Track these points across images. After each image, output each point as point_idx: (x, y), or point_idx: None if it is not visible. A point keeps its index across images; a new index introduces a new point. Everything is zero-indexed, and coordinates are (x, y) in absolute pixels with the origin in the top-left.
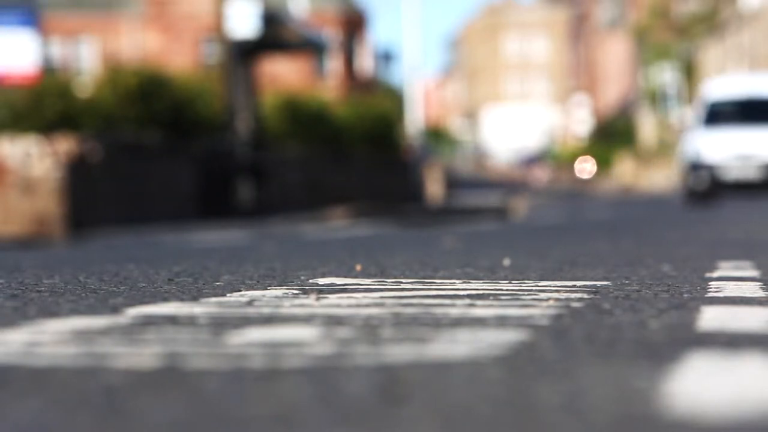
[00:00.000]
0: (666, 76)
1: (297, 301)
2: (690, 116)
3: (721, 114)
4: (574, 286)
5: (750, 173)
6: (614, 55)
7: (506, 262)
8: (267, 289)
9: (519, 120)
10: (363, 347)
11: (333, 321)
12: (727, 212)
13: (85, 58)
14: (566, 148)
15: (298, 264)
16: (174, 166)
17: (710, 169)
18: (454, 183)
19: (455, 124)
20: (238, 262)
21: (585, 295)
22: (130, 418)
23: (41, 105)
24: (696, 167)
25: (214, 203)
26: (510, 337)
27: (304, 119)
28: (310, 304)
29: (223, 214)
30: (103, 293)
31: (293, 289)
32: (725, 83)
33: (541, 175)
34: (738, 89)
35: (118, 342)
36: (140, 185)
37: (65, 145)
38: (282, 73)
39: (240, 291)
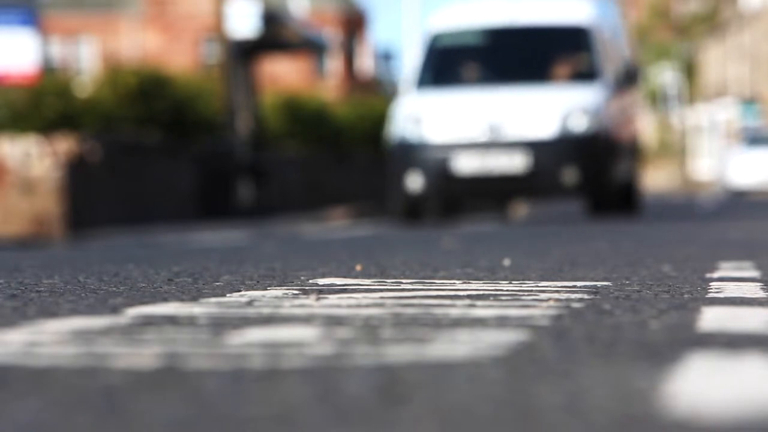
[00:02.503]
0: (666, 76)
1: (297, 302)
2: (408, 69)
3: (452, 63)
4: (575, 286)
5: (504, 163)
6: None
7: (506, 262)
8: (267, 289)
9: None
10: (363, 347)
11: (333, 321)
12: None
13: (85, 58)
14: None
15: (298, 264)
16: (174, 166)
17: (435, 154)
18: None
19: None
20: (238, 262)
21: (585, 296)
22: (130, 418)
23: (41, 105)
24: (411, 154)
25: (214, 203)
26: (510, 337)
27: (304, 119)
28: (310, 304)
29: (223, 214)
30: (103, 293)
31: (293, 289)
32: (460, 12)
33: None
34: (480, 19)
35: (118, 342)
36: (140, 185)
37: (65, 145)
38: (282, 73)
39: (240, 291)
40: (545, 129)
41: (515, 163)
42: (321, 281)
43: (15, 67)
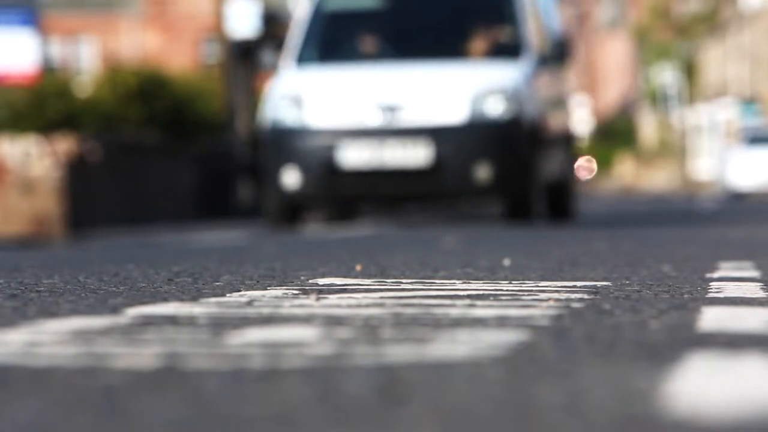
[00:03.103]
0: (666, 76)
1: (297, 301)
2: (289, 40)
3: (343, 33)
4: (575, 286)
5: (401, 155)
6: (614, 55)
7: (506, 262)
8: (267, 289)
9: None
10: (363, 347)
11: (333, 321)
12: None
13: (85, 58)
14: None
15: (298, 264)
16: (174, 166)
17: (317, 143)
18: None
19: None
20: (238, 262)
21: (585, 296)
22: (130, 418)
23: (41, 105)
24: (288, 142)
25: (214, 203)
26: (510, 337)
27: None
28: (310, 304)
29: (223, 214)
30: (103, 293)
31: (293, 289)
32: None
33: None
34: None
35: (118, 342)
36: (140, 185)
37: (65, 145)
38: None
39: (240, 291)
40: (453, 113)
41: (415, 155)
42: (321, 281)
43: (15, 67)
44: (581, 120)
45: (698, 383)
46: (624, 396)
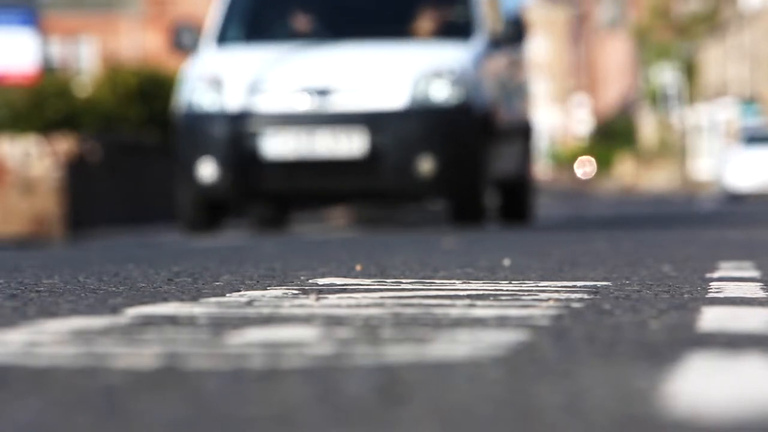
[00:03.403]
0: (666, 76)
1: (297, 301)
2: (211, 18)
3: (271, 9)
4: (575, 286)
5: (333, 144)
6: (614, 55)
7: (506, 262)
8: (267, 289)
9: None
10: (363, 347)
11: (333, 321)
12: None
13: (85, 57)
14: (566, 148)
15: (298, 264)
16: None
17: (237, 129)
18: None
19: None
20: (238, 262)
21: (585, 296)
22: (130, 418)
23: (41, 105)
24: (204, 129)
25: None
26: (510, 337)
27: None
28: (310, 304)
29: None
30: (103, 293)
31: (293, 289)
32: None
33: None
34: None
35: (118, 342)
36: (140, 185)
37: (65, 145)
38: None
39: (240, 291)
40: (392, 98)
41: (348, 145)
42: (321, 281)
43: (15, 67)
44: (581, 120)
45: (698, 383)
46: (624, 396)
